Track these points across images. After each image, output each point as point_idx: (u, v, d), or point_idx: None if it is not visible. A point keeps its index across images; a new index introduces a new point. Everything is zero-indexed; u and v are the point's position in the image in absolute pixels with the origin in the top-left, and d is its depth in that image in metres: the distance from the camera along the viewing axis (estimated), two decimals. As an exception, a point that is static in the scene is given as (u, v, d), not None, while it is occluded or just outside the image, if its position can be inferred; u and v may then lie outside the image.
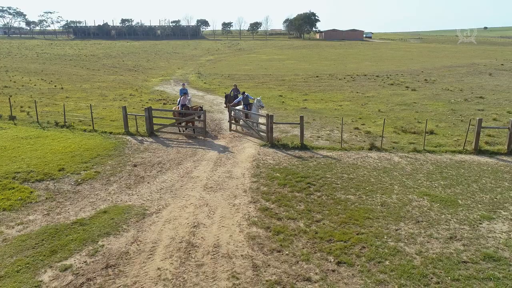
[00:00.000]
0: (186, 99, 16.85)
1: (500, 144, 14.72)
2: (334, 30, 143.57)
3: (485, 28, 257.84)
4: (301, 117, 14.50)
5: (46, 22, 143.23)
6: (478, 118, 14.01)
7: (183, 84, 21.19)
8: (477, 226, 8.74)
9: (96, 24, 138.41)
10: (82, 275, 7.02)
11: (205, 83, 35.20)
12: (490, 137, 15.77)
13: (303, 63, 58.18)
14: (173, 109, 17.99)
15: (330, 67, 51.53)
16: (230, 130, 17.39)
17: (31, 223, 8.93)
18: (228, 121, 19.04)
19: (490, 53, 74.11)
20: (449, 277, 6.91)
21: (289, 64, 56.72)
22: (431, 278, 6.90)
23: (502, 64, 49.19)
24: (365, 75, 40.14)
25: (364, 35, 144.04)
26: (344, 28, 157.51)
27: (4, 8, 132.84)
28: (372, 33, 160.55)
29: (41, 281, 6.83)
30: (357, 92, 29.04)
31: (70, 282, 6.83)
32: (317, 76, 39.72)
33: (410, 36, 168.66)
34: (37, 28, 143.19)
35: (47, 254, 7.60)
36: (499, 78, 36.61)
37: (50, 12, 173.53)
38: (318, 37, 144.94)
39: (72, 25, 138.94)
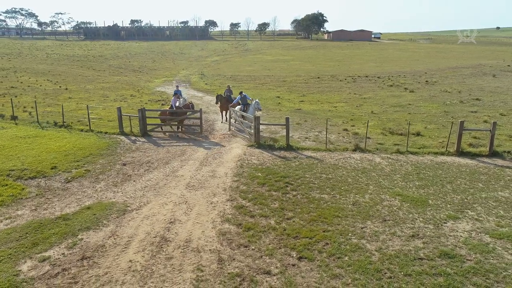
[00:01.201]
0: (177, 100, 17.38)
1: (484, 146, 14.92)
2: (342, 31, 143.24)
3: (498, 28, 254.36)
4: (287, 119, 14.91)
5: (57, 23, 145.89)
6: (460, 121, 14.26)
7: (177, 86, 21.80)
8: (442, 225, 9.07)
9: (106, 25, 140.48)
10: (59, 265, 7.55)
11: (206, 84, 35.79)
12: (475, 139, 15.99)
13: (308, 64, 58.46)
14: (162, 110, 18.57)
15: (333, 68, 51.75)
16: (230, 130, 17.88)
17: (18, 217, 9.51)
18: (223, 122, 19.65)
19: (499, 54, 73.49)
20: (402, 273, 7.26)
21: (293, 65, 57.07)
22: (385, 273, 7.26)
23: (509, 65, 48.82)
24: (366, 76, 40.34)
25: (373, 36, 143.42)
26: (353, 28, 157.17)
27: (16, 9, 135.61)
28: (381, 34, 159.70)
29: (20, 270, 7.38)
30: (355, 94, 29.29)
31: (47, 271, 7.36)
32: (318, 77, 40.02)
33: (420, 36, 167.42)
34: (49, 29, 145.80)
35: (29, 246, 8.15)
36: (501, 80, 36.48)
37: (61, 13, 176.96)
38: (326, 38, 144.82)
39: (83, 26, 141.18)
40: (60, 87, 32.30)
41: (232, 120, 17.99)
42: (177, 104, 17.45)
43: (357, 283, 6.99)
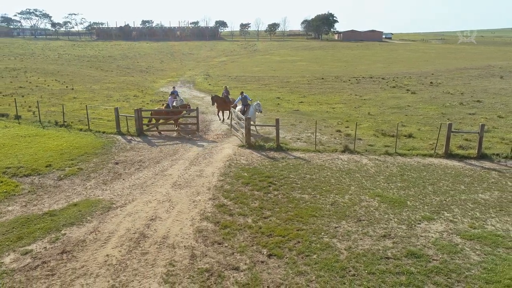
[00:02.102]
0: (173, 99, 17.80)
1: (474, 149, 14.92)
2: (352, 31, 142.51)
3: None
4: (277, 120, 15.16)
5: (71, 24, 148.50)
6: (448, 123, 14.31)
7: (174, 87, 22.34)
8: (415, 226, 9.21)
9: (118, 26, 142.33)
10: (39, 258, 7.95)
11: (209, 84, 36.20)
12: (466, 141, 15.99)
13: (315, 64, 58.49)
14: (157, 110, 19.02)
15: (340, 68, 51.70)
16: (231, 130, 18.28)
17: (8, 213, 9.97)
18: (219, 121, 20.05)
19: (511, 55, 72.32)
20: (366, 271, 7.46)
21: (300, 65, 57.17)
22: (349, 271, 7.47)
23: (518, 66, 48.10)
24: (371, 77, 40.26)
25: (384, 36, 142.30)
26: (364, 29, 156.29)
27: (31, 10, 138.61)
28: (392, 34, 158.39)
29: (2, 262, 7.80)
30: (356, 95, 29.33)
31: (27, 264, 7.77)
32: (322, 78, 40.09)
33: (433, 37, 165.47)
34: (62, 29, 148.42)
35: (14, 240, 8.58)
36: (509, 81, 36.04)
37: (75, 14, 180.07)
38: (336, 38, 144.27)
39: (95, 26, 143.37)
40: (66, 87, 33.08)
41: (233, 122, 18.34)
42: (174, 103, 17.85)
43: (320, 280, 7.22)
